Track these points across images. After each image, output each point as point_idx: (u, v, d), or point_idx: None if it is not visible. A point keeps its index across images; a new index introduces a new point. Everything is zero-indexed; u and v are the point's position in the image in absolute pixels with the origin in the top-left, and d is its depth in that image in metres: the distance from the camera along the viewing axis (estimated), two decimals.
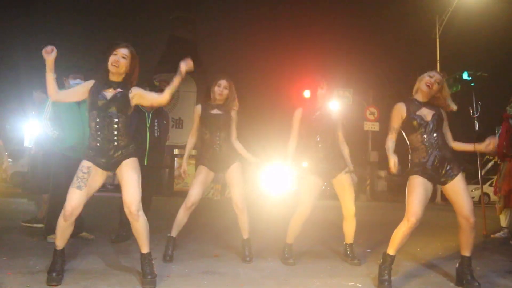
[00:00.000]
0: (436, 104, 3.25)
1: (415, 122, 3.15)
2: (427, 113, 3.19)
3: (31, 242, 4.35)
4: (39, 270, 3.17)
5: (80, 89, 3.13)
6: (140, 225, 2.99)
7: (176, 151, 19.58)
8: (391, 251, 3.14)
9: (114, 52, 3.05)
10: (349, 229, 3.97)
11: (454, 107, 3.26)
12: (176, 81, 3.05)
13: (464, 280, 3.16)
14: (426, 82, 3.20)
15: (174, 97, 19.64)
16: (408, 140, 3.28)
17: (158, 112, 4.99)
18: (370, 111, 20.55)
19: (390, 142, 3.22)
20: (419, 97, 3.26)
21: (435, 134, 3.15)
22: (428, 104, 3.24)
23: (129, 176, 2.99)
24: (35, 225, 5.15)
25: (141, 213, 2.99)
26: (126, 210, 2.98)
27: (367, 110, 20.60)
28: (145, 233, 3.04)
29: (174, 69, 3.09)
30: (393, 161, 3.09)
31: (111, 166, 3.03)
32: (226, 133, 3.89)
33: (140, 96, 3.13)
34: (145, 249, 3.05)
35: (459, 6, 18.58)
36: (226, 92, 3.87)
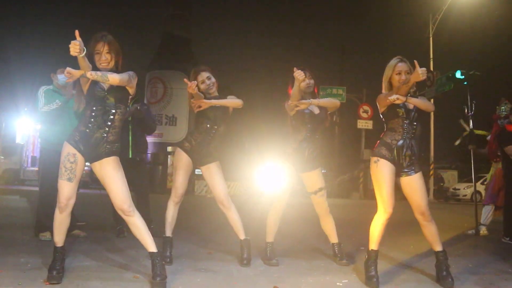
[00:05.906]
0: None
1: (399, 109, 3.15)
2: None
3: (22, 239, 4.32)
4: (30, 268, 3.14)
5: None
6: (136, 219, 2.92)
7: (169, 149, 19.48)
8: (373, 246, 3.17)
9: (96, 50, 2.92)
10: (328, 227, 3.84)
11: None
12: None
13: (439, 275, 3.15)
14: (399, 81, 3.16)
15: (168, 94, 19.69)
16: (387, 124, 3.25)
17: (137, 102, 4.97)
18: (363, 109, 20.63)
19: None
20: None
21: (415, 123, 3.18)
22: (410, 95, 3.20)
23: (115, 175, 2.93)
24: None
25: (134, 208, 2.94)
26: (118, 210, 2.93)
27: (361, 108, 20.69)
28: (145, 227, 2.95)
29: (168, 66, 3.05)
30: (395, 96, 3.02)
31: (91, 157, 2.95)
32: (224, 128, 3.70)
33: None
34: (151, 247, 2.91)
35: (452, 5, 18.69)
36: (213, 80, 3.71)
